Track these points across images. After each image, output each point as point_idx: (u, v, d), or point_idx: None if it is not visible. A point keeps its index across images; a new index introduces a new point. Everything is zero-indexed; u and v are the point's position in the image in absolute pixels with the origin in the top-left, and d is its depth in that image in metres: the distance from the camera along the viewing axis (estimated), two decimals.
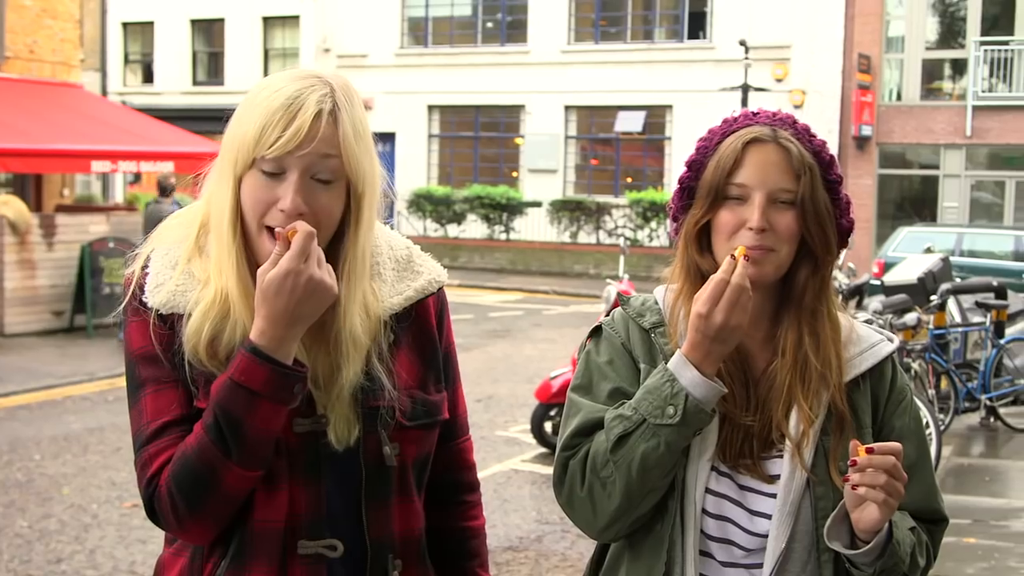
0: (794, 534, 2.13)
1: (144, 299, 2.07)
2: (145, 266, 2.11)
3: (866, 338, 2.28)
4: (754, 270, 2.13)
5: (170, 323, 2.05)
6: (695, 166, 2.26)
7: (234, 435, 1.94)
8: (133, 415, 2.08)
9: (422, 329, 2.23)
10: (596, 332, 2.35)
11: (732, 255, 2.07)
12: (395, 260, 2.23)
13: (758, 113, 2.26)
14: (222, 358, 2.02)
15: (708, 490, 2.16)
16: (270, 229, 2.00)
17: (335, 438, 2.05)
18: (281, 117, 1.97)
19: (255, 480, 2.01)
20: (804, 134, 2.21)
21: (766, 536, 2.14)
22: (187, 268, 2.09)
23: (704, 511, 2.17)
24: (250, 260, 2.05)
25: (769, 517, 2.14)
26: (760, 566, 2.15)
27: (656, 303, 2.33)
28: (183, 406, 2.04)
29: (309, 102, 1.98)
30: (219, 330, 2.02)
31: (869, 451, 1.98)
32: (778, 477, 2.14)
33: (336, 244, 2.08)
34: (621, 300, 2.38)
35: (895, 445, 2.01)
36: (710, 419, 2.10)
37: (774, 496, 2.14)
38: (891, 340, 2.29)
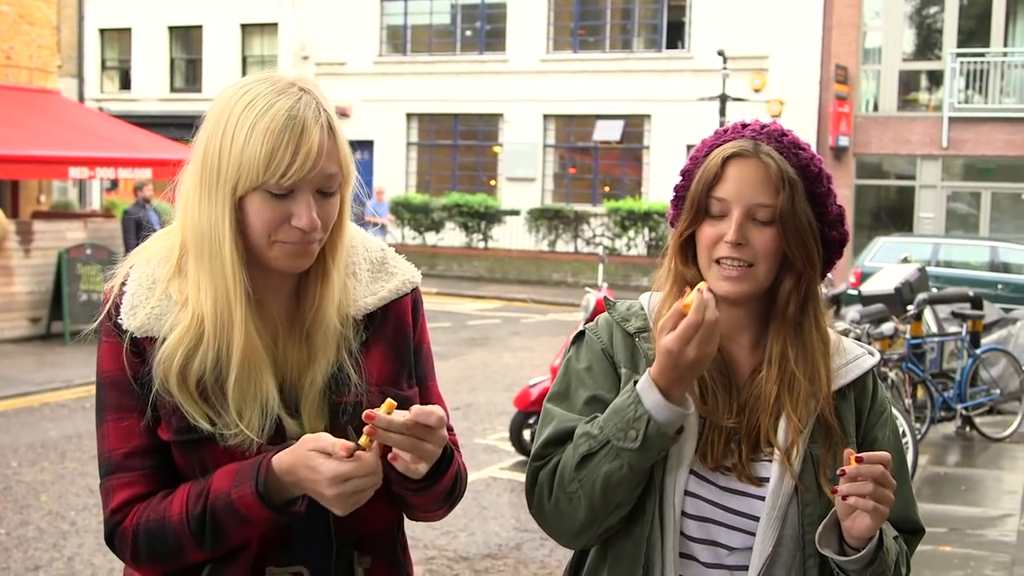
0: (780, 539, 2.15)
1: (119, 320, 2.07)
2: (124, 283, 2.11)
3: (850, 351, 2.31)
4: (732, 287, 2.17)
5: (142, 347, 2.06)
6: (687, 175, 2.28)
7: (215, 537, 2.01)
8: (98, 436, 2.12)
9: (397, 328, 2.24)
10: (579, 337, 2.37)
11: (699, 290, 2.05)
12: (370, 261, 2.25)
13: (748, 125, 2.25)
14: (191, 386, 2.02)
15: (687, 492, 2.18)
16: (282, 242, 2.02)
17: (308, 428, 2.08)
18: (288, 141, 1.96)
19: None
20: (790, 148, 2.20)
21: (752, 535, 2.15)
22: (166, 289, 2.08)
23: (684, 513, 2.18)
24: (248, 278, 2.05)
25: (754, 519, 2.15)
26: (744, 567, 2.16)
27: (642, 308, 2.35)
28: (143, 436, 2.07)
29: (309, 120, 1.98)
30: (191, 356, 2.02)
31: (859, 460, 2.00)
32: (766, 480, 2.16)
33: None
34: (607, 304, 2.40)
35: (883, 454, 2.03)
36: (673, 441, 2.12)
37: (761, 498, 2.15)
38: (873, 354, 2.32)
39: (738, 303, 2.23)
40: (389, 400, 1.95)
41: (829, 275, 2.40)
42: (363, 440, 1.94)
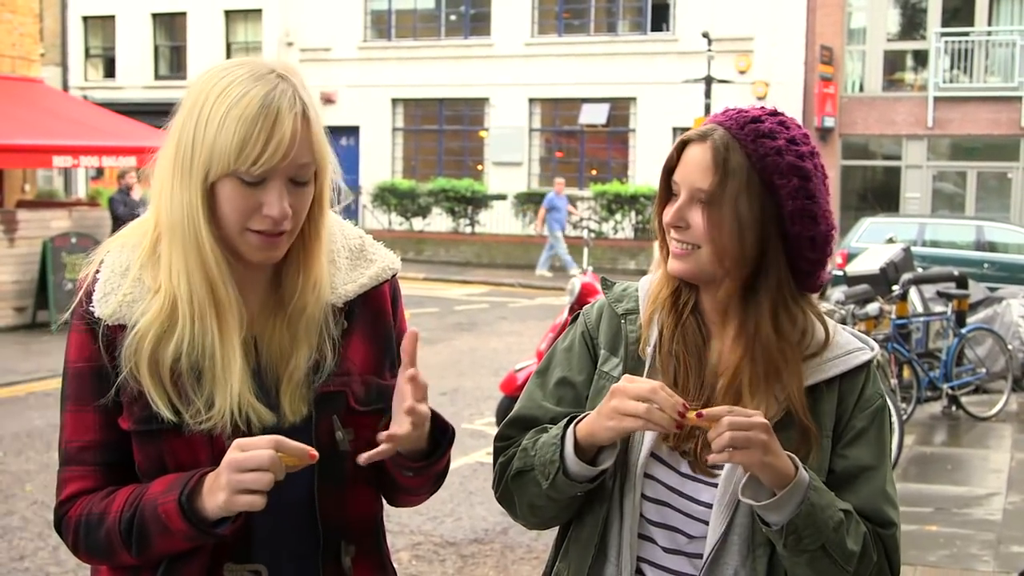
0: (732, 526, 2.12)
1: (91, 308, 2.05)
2: (98, 271, 2.09)
3: (843, 345, 2.23)
4: (676, 263, 2.19)
5: (112, 335, 2.04)
6: None
7: (140, 543, 2.00)
8: (60, 424, 2.14)
9: (377, 316, 2.23)
10: (576, 318, 2.42)
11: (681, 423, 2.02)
12: (349, 249, 2.24)
13: (730, 110, 2.22)
14: (163, 370, 2.01)
15: (647, 475, 2.18)
16: (254, 231, 2.00)
17: (288, 414, 2.06)
18: (261, 129, 1.94)
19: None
20: (749, 136, 2.14)
21: (708, 524, 2.14)
22: (139, 276, 2.07)
23: (644, 496, 2.19)
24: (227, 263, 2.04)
25: (710, 506, 2.14)
26: (702, 555, 2.16)
27: (636, 291, 2.35)
28: (100, 431, 2.07)
29: (283, 108, 1.96)
30: (165, 339, 2.00)
31: (699, 416, 1.98)
32: (722, 467, 2.13)
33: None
34: (603, 284, 2.43)
35: (720, 409, 2.00)
36: (589, 487, 2.16)
37: (716, 486, 2.14)
38: (871, 349, 2.24)
39: (691, 282, 2.22)
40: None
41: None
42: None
